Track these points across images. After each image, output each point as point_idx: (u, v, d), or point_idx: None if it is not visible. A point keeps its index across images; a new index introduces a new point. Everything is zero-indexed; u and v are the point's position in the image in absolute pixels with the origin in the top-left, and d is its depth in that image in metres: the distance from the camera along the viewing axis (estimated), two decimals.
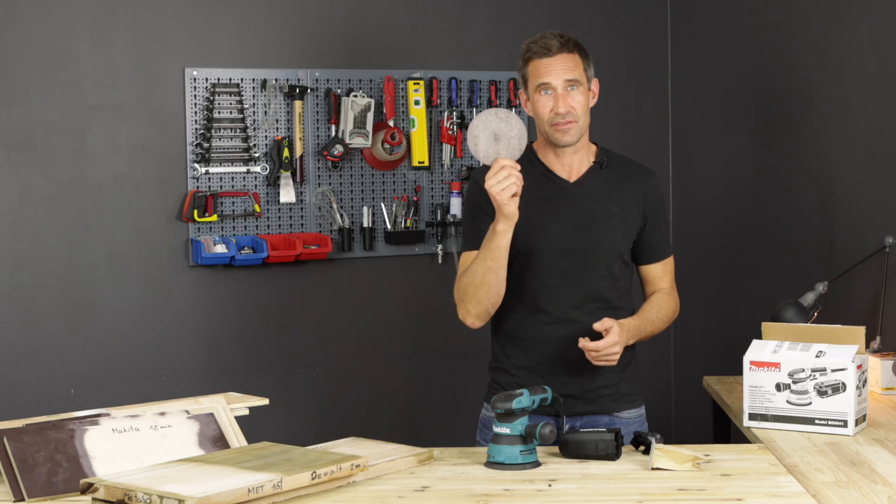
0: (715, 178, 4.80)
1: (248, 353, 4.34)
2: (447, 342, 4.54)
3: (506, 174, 2.72)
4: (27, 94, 3.98)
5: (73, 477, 2.36)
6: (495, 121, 2.78)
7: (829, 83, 4.15)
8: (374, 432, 3.08)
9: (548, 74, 2.88)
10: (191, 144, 4.21)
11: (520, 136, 2.78)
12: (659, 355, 4.92)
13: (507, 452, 2.54)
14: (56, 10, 4.01)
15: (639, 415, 3.03)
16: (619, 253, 2.96)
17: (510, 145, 2.77)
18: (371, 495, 2.35)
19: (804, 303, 3.70)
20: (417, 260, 4.59)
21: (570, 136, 2.91)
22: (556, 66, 2.88)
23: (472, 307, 2.89)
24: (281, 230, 4.36)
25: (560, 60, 2.89)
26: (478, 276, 2.85)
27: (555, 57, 2.89)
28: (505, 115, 2.79)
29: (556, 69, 2.88)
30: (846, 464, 2.60)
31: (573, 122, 2.90)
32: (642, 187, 3.00)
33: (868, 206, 3.93)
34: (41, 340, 4.02)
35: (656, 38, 4.97)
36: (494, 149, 2.78)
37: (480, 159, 2.80)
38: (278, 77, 4.32)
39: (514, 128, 2.78)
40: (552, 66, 2.88)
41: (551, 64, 2.88)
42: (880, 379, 3.38)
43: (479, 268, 2.84)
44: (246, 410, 2.70)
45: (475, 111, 4.63)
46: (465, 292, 2.89)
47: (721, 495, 2.33)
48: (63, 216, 4.05)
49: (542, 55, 2.89)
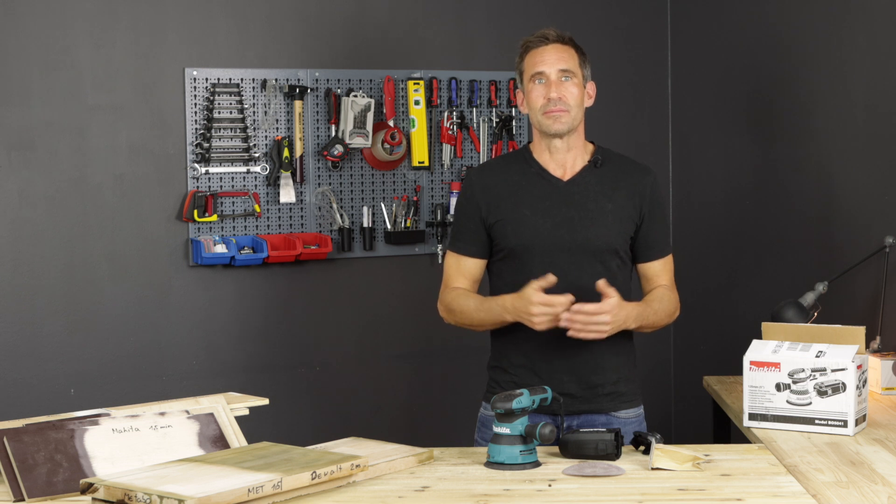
0: (715, 177, 4.80)
1: (248, 353, 4.34)
2: (447, 342, 4.54)
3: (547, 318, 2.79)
4: (27, 94, 3.98)
5: (73, 477, 2.36)
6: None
7: (828, 83, 4.15)
8: (374, 432, 3.08)
9: (542, 63, 2.92)
10: (191, 144, 4.21)
11: None
12: (659, 355, 4.92)
13: (507, 452, 2.54)
14: (56, 10, 4.01)
15: (637, 414, 3.03)
16: (614, 250, 2.96)
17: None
18: (371, 495, 2.35)
19: (804, 303, 3.70)
20: (417, 260, 4.59)
21: (560, 123, 2.92)
22: (550, 55, 2.93)
23: (456, 324, 3.04)
24: (281, 230, 4.36)
25: (555, 49, 2.93)
26: (474, 321, 2.99)
27: (550, 46, 2.94)
28: None
29: (551, 58, 2.93)
30: (846, 464, 2.60)
31: (565, 111, 2.91)
32: (638, 185, 3.00)
33: (868, 206, 3.93)
34: (41, 340, 4.02)
35: (656, 38, 4.97)
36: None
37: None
38: (278, 77, 4.32)
39: None
40: (546, 55, 2.93)
41: (546, 52, 2.93)
42: (880, 379, 3.38)
43: (476, 317, 2.97)
44: (246, 410, 2.70)
45: (475, 111, 4.64)
46: (454, 316, 3.02)
47: (721, 495, 2.33)
48: (63, 216, 4.05)
49: (539, 44, 2.95)
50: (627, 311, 2.85)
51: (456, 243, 3.04)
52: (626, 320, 2.85)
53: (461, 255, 3.03)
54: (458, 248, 3.03)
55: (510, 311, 2.86)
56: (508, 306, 2.86)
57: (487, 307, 2.93)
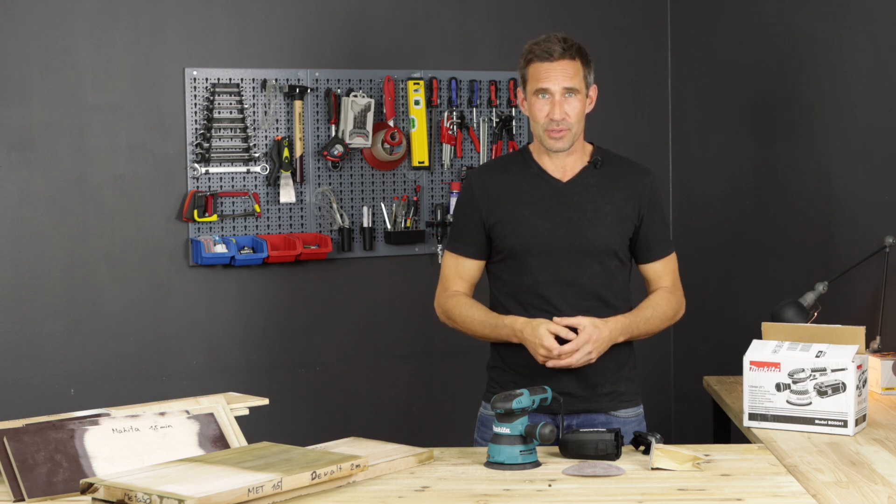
0: (715, 178, 4.80)
1: (248, 353, 4.34)
2: (447, 342, 4.53)
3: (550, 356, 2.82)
4: (27, 94, 3.98)
5: (73, 477, 2.36)
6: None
7: (828, 83, 4.15)
8: (374, 432, 3.08)
9: (547, 80, 2.89)
10: (191, 144, 4.21)
11: None
12: (659, 355, 4.92)
13: (507, 452, 2.54)
14: (56, 10, 4.01)
15: (636, 414, 3.03)
16: (613, 250, 2.96)
17: None
18: (371, 495, 2.35)
19: (804, 303, 3.70)
20: (417, 260, 4.59)
21: (562, 143, 2.93)
22: (555, 73, 2.89)
23: (452, 327, 3.04)
24: (281, 230, 4.36)
25: (561, 67, 2.89)
26: (476, 335, 2.99)
27: (556, 62, 2.89)
28: None
29: (556, 75, 2.89)
30: (846, 464, 2.60)
31: (566, 131, 2.91)
32: (637, 186, 3.01)
33: (868, 206, 3.93)
34: (41, 340, 4.02)
35: (656, 39, 4.97)
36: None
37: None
38: (278, 77, 4.32)
39: None
40: (552, 72, 2.89)
41: (552, 69, 2.89)
42: (880, 379, 3.38)
43: (480, 332, 2.98)
44: (246, 410, 2.70)
45: (475, 111, 4.63)
46: (454, 323, 3.02)
47: (721, 495, 2.33)
48: (63, 216, 4.05)
49: (544, 59, 2.90)
50: (611, 328, 2.86)
51: (455, 244, 3.04)
52: (612, 336, 2.87)
53: (460, 255, 3.03)
54: (457, 249, 3.03)
55: (518, 336, 2.87)
56: (518, 332, 2.87)
57: (494, 325, 2.93)
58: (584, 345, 2.80)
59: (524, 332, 2.84)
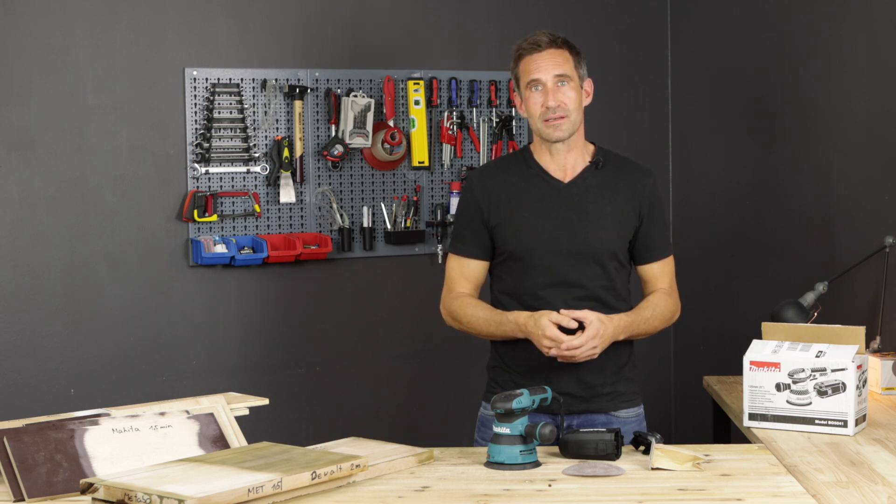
0: (714, 178, 4.80)
1: (248, 353, 4.34)
2: (447, 342, 4.54)
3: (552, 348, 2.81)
4: (27, 94, 3.98)
5: (73, 477, 2.36)
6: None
7: (828, 83, 4.15)
8: (374, 432, 3.08)
9: (537, 70, 2.91)
10: (191, 144, 4.21)
11: None
12: (659, 355, 4.92)
13: (507, 452, 2.54)
14: (56, 10, 4.01)
15: (636, 414, 3.03)
16: (613, 253, 2.96)
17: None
18: (371, 495, 2.35)
19: (804, 303, 3.70)
20: (417, 260, 4.59)
21: (561, 131, 2.92)
22: (544, 61, 2.91)
23: (459, 330, 3.04)
24: (281, 230, 4.36)
25: (549, 56, 2.91)
26: (482, 334, 2.99)
27: (544, 52, 2.92)
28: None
29: (546, 64, 2.91)
30: (846, 464, 2.60)
31: (564, 118, 2.91)
32: (638, 187, 3.00)
33: (868, 206, 3.93)
34: (41, 340, 4.02)
35: (656, 39, 4.97)
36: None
37: None
38: (278, 77, 4.32)
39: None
40: (541, 61, 2.91)
41: (540, 59, 2.91)
42: (880, 379, 3.38)
43: (485, 331, 2.97)
44: (246, 410, 2.70)
45: (475, 111, 4.63)
46: (460, 325, 3.02)
47: (721, 495, 2.33)
48: (63, 216, 4.05)
49: (532, 51, 2.93)
50: (615, 324, 2.86)
51: (458, 245, 3.04)
52: (615, 333, 2.87)
53: (464, 257, 3.03)
54: (461, 251, 3.03)
55: (523, 330, 2.87)
56: (521, 326, 2.87)
57: (498, 322, 2.93)
58: (590, 339, 2.80)
59: (528, 325, 2.84)
